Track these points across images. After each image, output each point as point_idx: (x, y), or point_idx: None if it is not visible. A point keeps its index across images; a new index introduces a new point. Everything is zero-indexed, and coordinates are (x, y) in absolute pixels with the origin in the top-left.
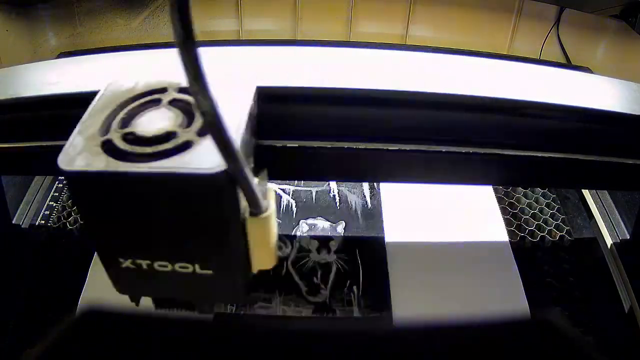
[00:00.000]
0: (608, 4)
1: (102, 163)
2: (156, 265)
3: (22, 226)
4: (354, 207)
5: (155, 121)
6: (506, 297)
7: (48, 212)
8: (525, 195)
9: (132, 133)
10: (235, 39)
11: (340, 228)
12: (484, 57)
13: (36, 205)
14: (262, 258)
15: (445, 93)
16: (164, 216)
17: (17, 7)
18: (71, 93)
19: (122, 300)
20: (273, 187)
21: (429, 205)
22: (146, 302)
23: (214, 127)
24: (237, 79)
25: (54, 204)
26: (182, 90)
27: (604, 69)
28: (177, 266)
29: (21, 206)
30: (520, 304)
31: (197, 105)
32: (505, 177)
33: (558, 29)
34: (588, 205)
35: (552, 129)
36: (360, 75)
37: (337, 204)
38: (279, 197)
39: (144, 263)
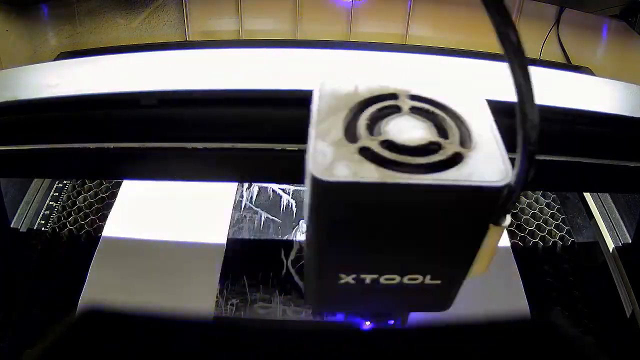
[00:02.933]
0: (608, 4)
1: (375, 173)
2: (382, 279)
3: (22, 226)
4: None
5: (407, 130)
6: (506, 297)
7: (48, 212)
8: (525, 195)
9: (389, 141)
10: (235, 39)
11: None
12: (484, 57)
13: (36, 206)
14: (482, 265)
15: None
16: (421, 228)
17: (17, 7)
18: (71, 96)
19: (122, 301)
20: (273, 187)
21: None
22: (146, 302)
23: (533, 144)
24: (467, 90)
25: (54, 204)
26: (414, 97)
27: (604, 69)
28: (406, 278)
29: (21, 206)
30: (520, 304)
31: (522, 119)
32: None
33: (558, 29)
34: (588, 205)
35: (553, 132)
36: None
37: None
38: (278, 197)
39: (369, 278)
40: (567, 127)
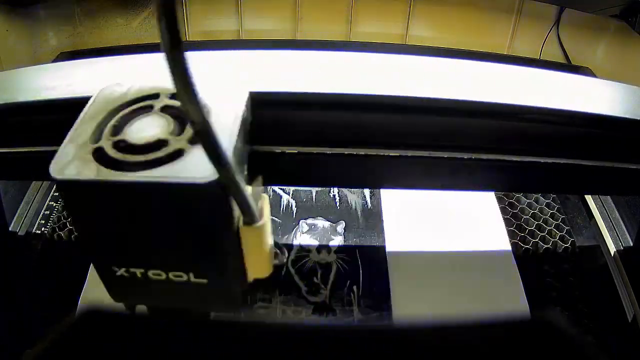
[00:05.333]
0: (608, 4)
1: (93, 172)
2: (150, 274)
3: (22, 227)
4: (354, 207)
5: (146, 128)
6: (506, 297)
7: (48, 213)
8: (525, 196)
9: (123, 141)
10: (235, 38)
11: (340, 228)
12: (483, 57)
13: (36, 206)
14: (257, 267)
15: (447, 99)
16: (156, 225)
17: (17, 7)
18: (65, 98)
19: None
20: (273, 187)
21: (429, 205)
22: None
23: (204, 137)
24: (228, 85)
25: (54, 204)
26: (174, 96)
27: (604, 69)
28: (171, 275)
29: (21, 206)
30: (520, 304)
31: (186, 114)
32: (507, 183)
33: (558, 29)
34: (588, 205)
35: (554, 134)
36: (358, 80)
37: (337, 204)
38: (278, 197)
39: (138, 272)
40: (567, 129)
